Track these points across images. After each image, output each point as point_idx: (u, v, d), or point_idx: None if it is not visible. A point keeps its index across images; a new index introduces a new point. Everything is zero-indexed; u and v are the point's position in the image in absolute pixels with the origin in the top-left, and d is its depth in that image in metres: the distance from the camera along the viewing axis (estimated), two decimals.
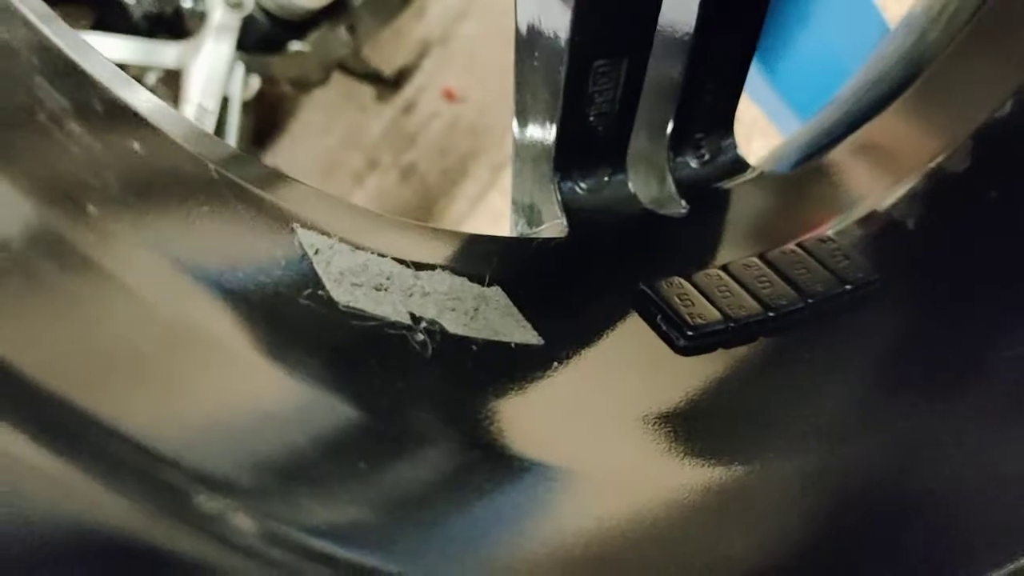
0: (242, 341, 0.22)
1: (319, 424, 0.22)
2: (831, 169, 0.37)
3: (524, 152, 0.36)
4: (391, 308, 0.26)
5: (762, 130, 0.83)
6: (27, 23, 0.24)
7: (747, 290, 0.31)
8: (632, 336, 0.31)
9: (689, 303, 0.30)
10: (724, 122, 0.36)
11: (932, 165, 0.35)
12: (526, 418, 0.27)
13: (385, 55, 1.25)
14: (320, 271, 0.25)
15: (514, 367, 0.27)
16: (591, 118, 0.35)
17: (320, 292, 0.24)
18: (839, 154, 0.39)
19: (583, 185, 0.34)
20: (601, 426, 0.29)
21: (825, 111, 0.44)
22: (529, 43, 0.35)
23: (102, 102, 0.24)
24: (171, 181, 0.24)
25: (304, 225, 0.26)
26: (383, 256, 0.27)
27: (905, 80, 0.40)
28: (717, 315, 0.30)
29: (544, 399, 0.28)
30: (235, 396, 0.21)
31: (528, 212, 0.36)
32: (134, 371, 0.20)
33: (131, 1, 1.07)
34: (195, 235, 0.23)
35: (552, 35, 0.34)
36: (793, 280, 0.31)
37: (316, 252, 0.25)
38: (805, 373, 0.30)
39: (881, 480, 0.27)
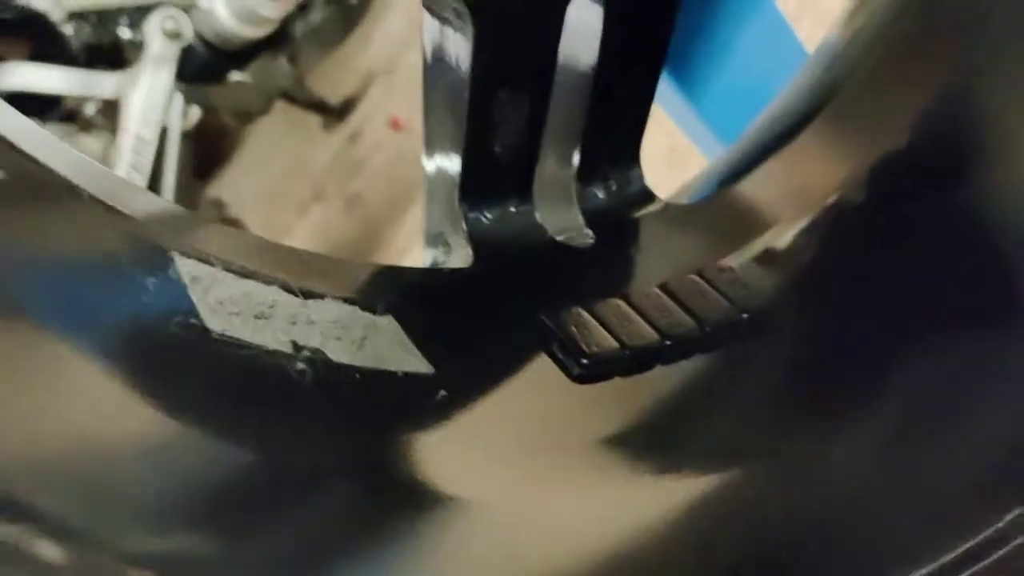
0: (95, 372, 0.21)
1: (185, 460, 0.21)
2: (736, 200, 0.38)
3: (433, 182, 0.36)
4: (270, 336, 0.25)
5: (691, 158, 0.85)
6: None
7: (645, 318, 0.31)
8: (532, 366, 0.31)
9: (587, 332, 0.30)
10: (630, 153, 0.37)
11: (830, 199, 0.36)
12: (417, 449, 0.27)
13: (330, 84, 1.25)
14: (195, 299, 0.24)
15: (401, 396, 0.27)
16: (496, 148, 0.35)
17: (192, 320, 0.24)
18: (750, 182, 0.39)
19: (489, 215, 0.35)
20: (500, 457, 0.28)
21: (743, 138, 0.44)
22: (434, 73, 0.35)
23: None
24: (28, 213, 0.24)
25: (185, 254, 0.25)
26: (269, 284, 0.26)
27: (818, 107, 0.41)
28: (614, 343, 0.30)
29: (435, 430, 0.27)
30: (81, 430, 0.20)
31: (437, 242, 0.36)
32: None
33: (68, 32, 1.06)
34: (45, 267, 0.23)
35: (455, 65, 0.34)
36: (691, 309, 0.31)
37: (194, 280, 0.25)
38: (701, 398, 0.31)
39: (773, 502, 0.28)
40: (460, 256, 0.34)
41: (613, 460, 0.29)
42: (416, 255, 1.18)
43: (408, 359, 0.28)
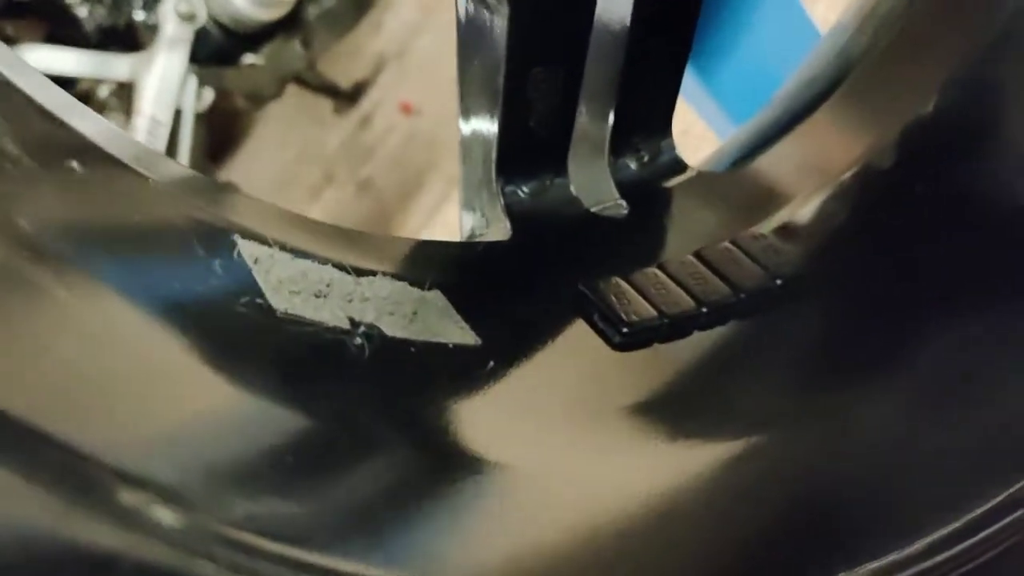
0: (179, 351, 0.22)
1: (260, 429, 0.22)
2: (766, 168, 0.39)
3: (469, 157, 0.37)
4: (329, 313, 0.26)
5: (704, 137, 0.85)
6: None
7: (682, 287, 0.32)
8: (571, 334, 0.31)
9: (625, 301, 0.31)
10: (662, 124, 0.38)
11: (859, 164, 0.37)
12: (465, 417, 0.28)
13: (342, 69, 1.26)
14: (260, 280, 0.25)
15: (452, 367, 0.28)
16: (531, 123, 0.36)
17: (258, 300, 0.25)
18: (774, 154, 0.40)
19: (525, 189, 0.35)
20: (542, 423, 0.29)
21: (761, 113, 0.45)
22: (469, 51, 0.36)
23: (40, 120, 0.24)
24: (109, 198, 0.24)
25: (244, 235, 0.26)
26: (324, 264, 0.27)
27: (834, 83, 0.42)
28: (652, 312, 0.31)
29: (482, 398, 0.28)
30: (175, 406, 0.21)
31: (475, 216, 0.37)
32: (76, 386, 0.20)
33: (83, 14, 1.06)
34: (130, 250, 0.24)
35: (489, 42, 0.35)
36: (726, 276, 0.32)
37: (256, 262, 0.26)
38: (738, 364, 0.31)
39: (813, 464, 0.28)
40: (498, 229, 0.35)
41: (645, 425, 0.30)
42: (429, 235, 1.19)
43: (457, 331, 0.29)
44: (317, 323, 0.26)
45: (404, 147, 1.27)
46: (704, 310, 0.31)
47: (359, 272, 0.28)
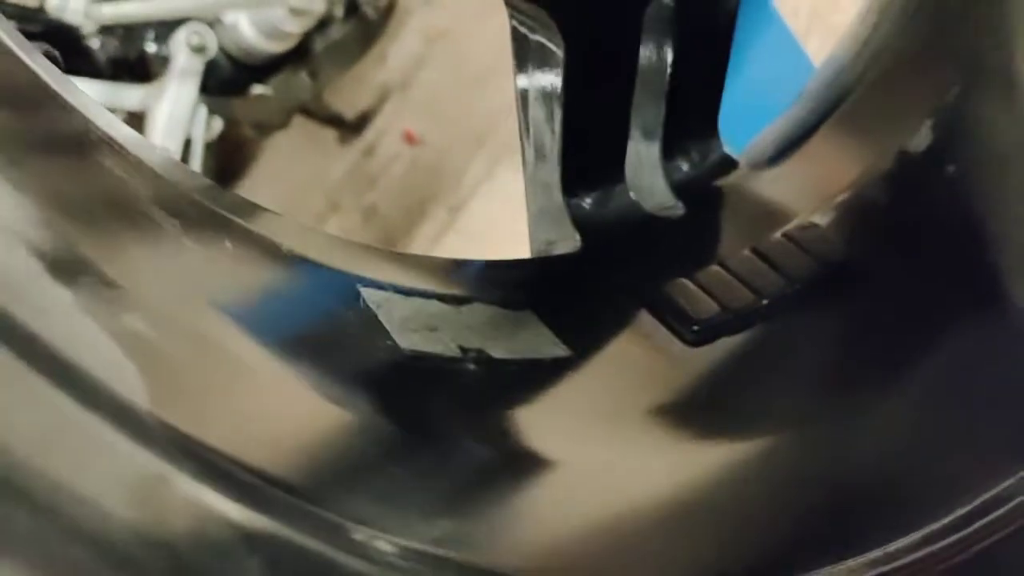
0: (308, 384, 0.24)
1: (398, 452, 0.24)
2: (810, 160, 0.41)
3: (535, 180, 0.39)
4: (443, 345, 0.28)
5: None
6: (16, 59, 0.26)
7: (742, 282, 0.34)
8: (648, 335, 0.33)
9: (692, 300, 0.33)
10: (708, 126, 0.40)
11: (853, 188, 0.39)
12: (564, 424, 0.30)
13: (347, 99, 1.28)
14: (385, 323, 0.28)
15: (550, 380, 0.30)
16: (590, 139, 0.38)
17: (389, 341, 0.27)
18: (816, 144, 0.43)
19: (589, 200, 0.38)
20: (628, 425, 0.31)
21: (757, 140, 0.48)
22: (527, 77, 0.38)
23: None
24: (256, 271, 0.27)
25: (362, 282, 0.29)
26: (428, 298, 0.30)
27: (828, 112, 0.44)
28: (716, 308, 0.33)
29: (577, 404, 0.30)
30: (324, 434, 0.23)
31: (543, 231, 0.39)
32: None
33: (95, 45, 1.08)
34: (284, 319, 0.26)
35: (543, 70, 0.37)
36: (781, 268, 0.34)
37: (378, 307, 0.28)
38: (760, 368, 0.34)
39: (831, 461, 0.30)
40: (568, 242, 0.37)
41: (678, 425, 0.32)
42: None
43: (551, 347, 0.31)
44: (436, 355, 0.28)
45: (408, 176, 1.29)
46: (764, 302, 0.33)
47: (458, 301, 0.31)
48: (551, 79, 0.37)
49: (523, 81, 0.38)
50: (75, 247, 0.21)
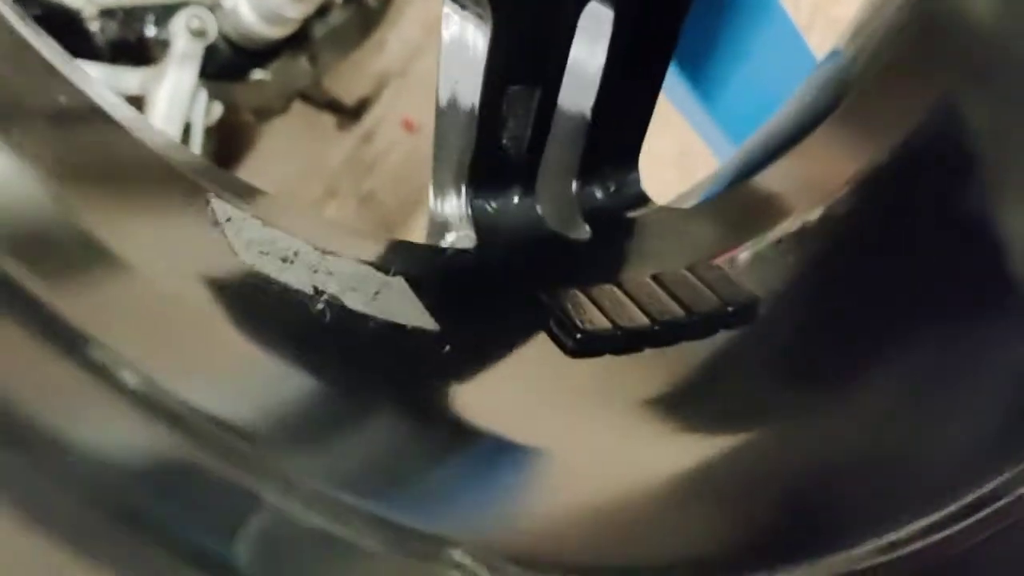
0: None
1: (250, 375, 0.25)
2: (727, 204, 0.41)
3: (441, 169, 0.39)
4: (294, 278, 0.28)
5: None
6: (12, 31, 0.27)
7: (636, 304, 0.34)
8: (525, 336, 0.33)
9: (581, 310, 0.33)
10: (630, 157, 0.40)
11: (852, 183, 0.39)
12: (411, 388, 0.30)
13: (346, 86, 1.29)
14: (230, 236, 0.28)
15: (407, 345, 0.30)
16: (504, 140, 0.38)
17: (235, 256, 0.27)
18: (769, 173, 0.43)
19: (493, 204, 0.37)
20: (489, 403, 0.31)
21: (759, 135, 0.47)
22: (451, 67, 0.38)
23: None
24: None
25: (220, 198, 0.29)
26: (293, 236, 0.30)
27: (829, 108, 0.44)
28: (606, 323, 0.33)
29: (430, 375, 0.30)
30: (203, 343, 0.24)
31: (441, 226, 0.39)
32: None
33: (95, 28, 1.09)
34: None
35: (471, 58, 0.37)
36: (680, 299, 0.34)
37: (228, 220, 0.28)
38: (727, 367, 0.34)
39: (806, 453, 0.31)
40: (464, 238, 0.37)
41: (649, 417, 0.32)
42: None
43: (416, 315, 0.31)
44: (283, 284, 0.28)
45: (405, 163, 1.29)
46: (656, 328, 0.33)
47: (325, 251, 0.30)
48: (473, 72, 0.37)
49: (446, 69, 0.38)
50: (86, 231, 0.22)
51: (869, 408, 0.33)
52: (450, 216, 0.37)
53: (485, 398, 0.31)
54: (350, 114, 1.27)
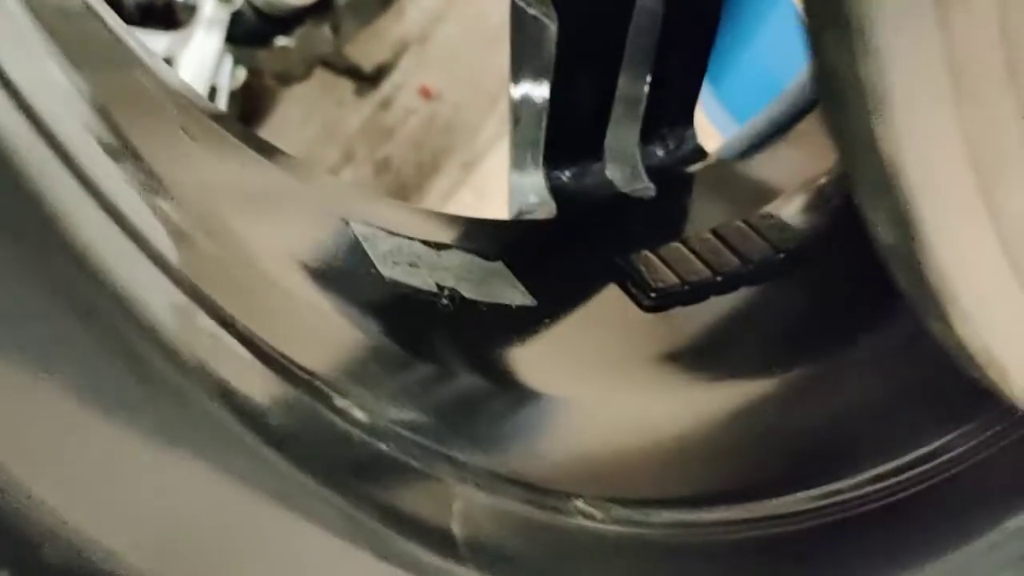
0: (326, 302, 0.29)
1: (382, 360, 0.29)
2: (775, 156, 0.45)
3: (518, 149, 0.43)
4: (422, 280, 0.33)
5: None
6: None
7: (700, 259, 0.38)
8: (607, 298, 0.38)
9: (653, 270, 0.38)
10: (685, 117, 0.44)
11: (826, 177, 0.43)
12: (522, 360, 0.34)
13: (364, 52, 1.31)
14: (370, 253, 0.32)
15: (516, 323, 0.35)
16: (575, 116, 0.42)
17: (373, 270, 0.31)
18: (781, 144, 0.46)
19: (567, 174, 0.42)
20: (583, 366, 0.36)
21: (767, 109, 0.51)
22: (520, 57, 0.42)
23: None
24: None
25: (352, 219, 0.33)
26: (412, 240, 0.34)
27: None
28: (675, 279, 0.37)
29: (540, 347, 0.35)
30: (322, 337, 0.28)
31: (523, 196, 0.43)
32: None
33: None
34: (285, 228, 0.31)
35: (541, 49, 0.41)
36: (737, 249, 0.38)
37: (365, 239, 0.32)
38: (741, 325, 0.38)
39: (803, 404, 0.35)
40: (545, 209, 0.41)
41: (671, 371, 0.36)
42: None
43: (518, 295, 0.35)
44: (415, 287, 0.32)
45: (422, 130, 1.32)
46: (719, 279, 0.38)
47: (438, 246, 0.35)
48: (543, 56, 0.41)
49: (516, 56, 0.42)
50: (123, 136, 0.25)
51: (849, 375, 0.37)
52: (531, 191, 0.41)
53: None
54: (369, 80, 1.30)
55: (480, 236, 0.38)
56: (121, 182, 0.23)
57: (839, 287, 0.40)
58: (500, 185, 1.40)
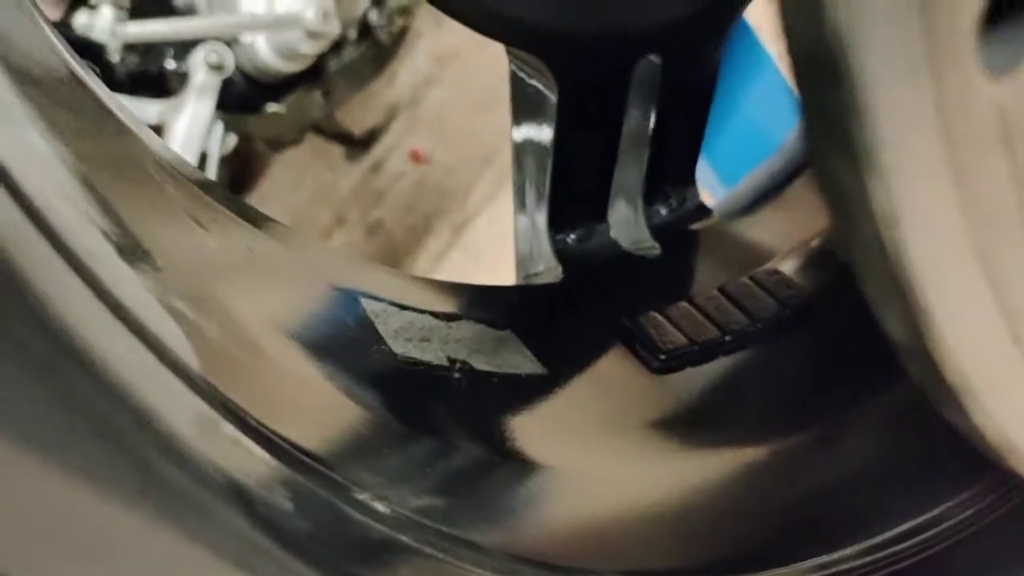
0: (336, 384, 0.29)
1: (398, 441, 0.28)
2: (777, 212, 0.45)
3: (522, 214, 0.43)
4: (434, 355, 0.32)
5: None
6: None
7: (708, 318, 0.38)
8: (616, 361, 0.37)
9: (662, 332, 0.37)
10: (687, 176, 0.44)
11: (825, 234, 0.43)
12: (533, 431, 0.34)
13: (355, 116, 1.32)
14: (381, 331, 0.32)
15: (524, 393, 0.34)
16: (577, 181, 0.42)
17: (383, 347, 0.31)
18: (782, 200, 0.47)
19: (572, 236, 0.41)
20: (592, 434, 0.35)
21: (765, 164, 0.52)
22: (520, 123, 0.42)
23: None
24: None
25: (363, 295, 0.33)
26: (422, 313, 0.34)
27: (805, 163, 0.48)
28: (684, 340, 0.37)
29: (546, 416, 0.34)
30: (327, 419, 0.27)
31: (529, 262, 0.43)
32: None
33: (115, 60, 1.12)
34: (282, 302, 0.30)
35: (541, 117, 0.41)
36: (745, 307, 0.38)
37: (376, 316, 0.32)
38: (738, 390, 0.37)
39: (800, 472, 0.34)
40: (550, 272, 0.41)
41: (664, 438, 0.36)
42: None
43: (528, 364, 0.35)
44: (427, 363, 0.32)
45: (413, 193, 1.33)
46: (727, 337, 0.37)
47: (448, 318, 0.35)
48: (544, 125, 0.41)
49: (518, 125, 0.42)
50: (132, 235, 0.25)
51: (850, 440, 0.36)
52: (536, 255, 0.41)
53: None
54: (360, 144, 1.31)
55: (487, 302, 0.37)
56: (140, 289, 0.23)
57: (843, 347, 0.39)
58: (490, 246, 1.41)
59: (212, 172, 1.14)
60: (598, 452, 0.34)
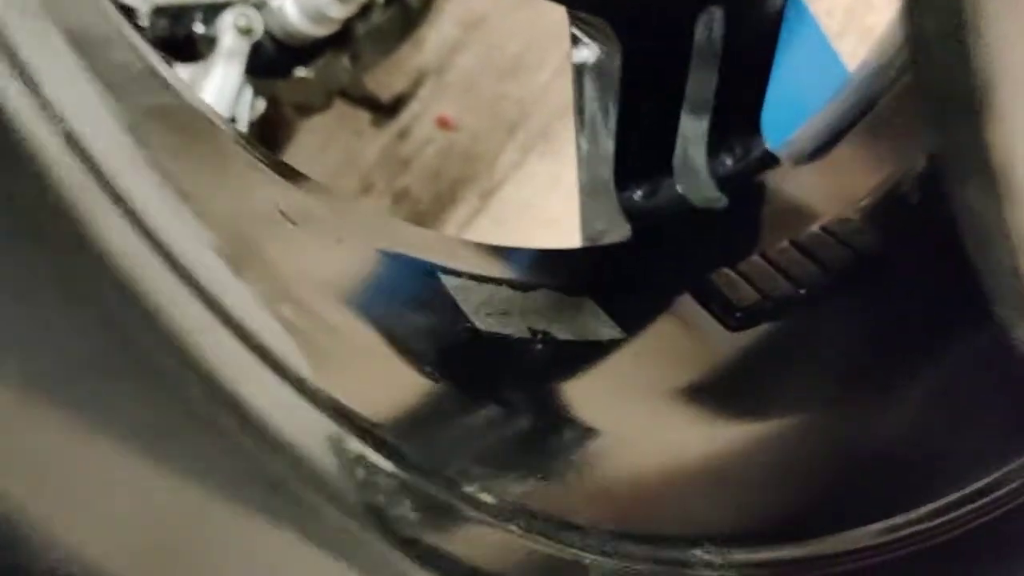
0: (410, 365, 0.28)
1: (488, 428, 0.28)
2: (846, 157, 0.44)
3: (588, 175, 0.42)
4: (515, 327, 0.32)
5: None
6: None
7: (781, 272, 0.37)
8: (692, 320, 0.37)
9: (734, 289, 0.37)
10: (751, 125, 0.43)
11: (878, 192, 0.42)
12: (616, 398, 0.33)
13: (382, 82, 1.31)
14: (463, 307, 0.31)
15: (607, 358, 0.34)
16: (642, 136, 0.41)
17: (468, 324, 0.31)
18: (850, 144, 0.46)
19: (639, 193, 0.41)
20: (664, 399, 0.35)
21: (834, 104, 0.50)
22: (585, 85, 0.41)
23: None
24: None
25: (444, 271, 0.33)
26: (499, 285, 0.34)
27: (858, 116, 0.47)
28: (757, 296, 0.36)
29: (628, 381, 0.34)
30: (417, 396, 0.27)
31: (596, 226, 0.42)
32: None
33: (144, 25, 1.11)
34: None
35: (606, 78, 0.40)
36: (819, 259, 0.37)
37: (456, 293, 0.32)
38: (790, 355, 0.37)
39: (843, 440, 0.34)
40: (619, 232, 0.40)
41: (704, 403, 0.35)
42: None
43: (607, 330, 0.35)
44: (508, 336, 0.32)
45: (440, 160, 1.32)
46: (802, 291, 0.37)
47: (525, 288, 0.34)
48: (607, 81, 0.40)
49: (581, 85, 0.41)
50: (238, 247, 0.25)
51: (898, 405, 0.36)
52: (603, 215, 0.41)
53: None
54: (387, 111, 1.30)
55: (559, 268, 0.37)
56: (253, 303, 0.23)
57: (913, 300, 0.38)
58: (518, 214, 1.40)
59: None
60: (670, 415, 0.34)
